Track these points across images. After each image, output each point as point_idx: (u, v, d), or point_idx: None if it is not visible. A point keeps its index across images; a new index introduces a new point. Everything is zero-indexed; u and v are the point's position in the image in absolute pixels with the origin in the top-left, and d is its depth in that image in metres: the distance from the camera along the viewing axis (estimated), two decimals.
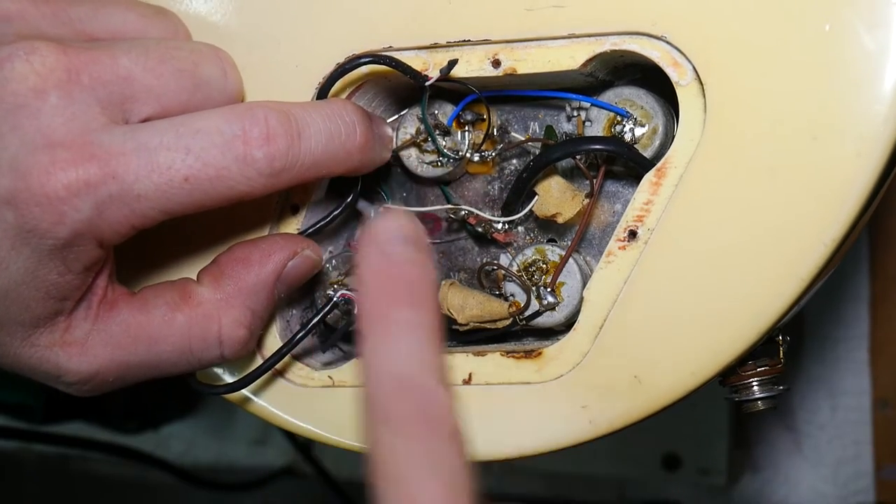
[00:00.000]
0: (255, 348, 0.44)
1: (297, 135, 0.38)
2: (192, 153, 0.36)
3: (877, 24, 0.36)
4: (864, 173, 0.36)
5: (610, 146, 0.40)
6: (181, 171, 0.36)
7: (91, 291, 0.39)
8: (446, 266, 0.45)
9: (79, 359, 0.39)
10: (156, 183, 0.36)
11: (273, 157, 0.37)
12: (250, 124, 0.37)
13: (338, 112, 0.39)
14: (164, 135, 0.37)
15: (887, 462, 0.76)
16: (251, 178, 0.37)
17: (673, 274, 0.39)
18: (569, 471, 0.83)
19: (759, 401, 0.42)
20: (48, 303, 0.38)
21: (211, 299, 0.40)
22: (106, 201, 0.36)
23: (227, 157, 0.37)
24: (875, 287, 0.76)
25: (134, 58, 0.38)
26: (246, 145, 0.37)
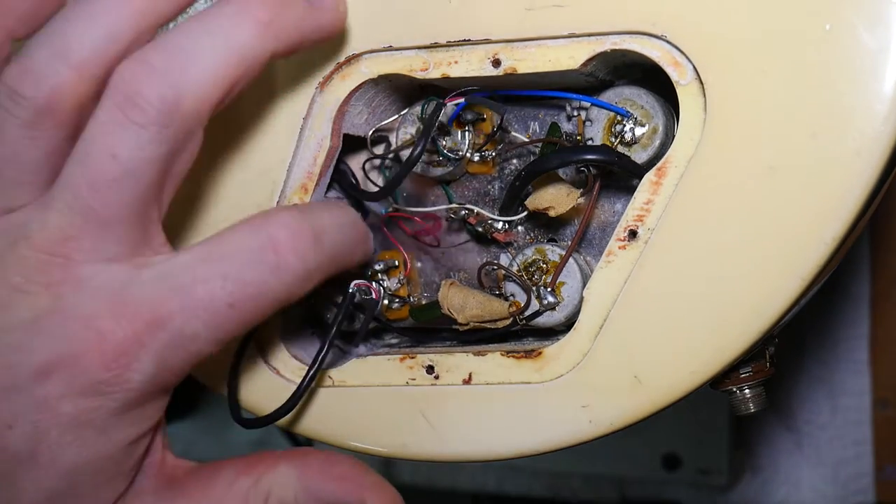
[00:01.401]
0: (265, 363, 0.44)
1: (319, 230, 0.37)
2: (229, 279, 0.35)
3: (877, 23, 0.36)
4: (864, 172, 0.36)
5: (602, 156, 0.39)
6: (224, 300, 0.35)
7: (148, 456, 0.38)
8: (446, 266, 0.45)
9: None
10: (203, 319, 0.35)
11: (306, 257, 0.36)
12: (275, 231, 0.36)
13: (339, 206, 0.40)
14: (196, 268, 0.36)
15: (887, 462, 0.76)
16: (289, 283, 0.36)
17: (673, 273, 0.39)
18: (569, 470, 0.83)
19: (751, 402, 0.42)
20: (113, 483, 0.37)
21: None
22: (163, 353, 0.35)
23: (262, 270, 0.36)
24: (875, 287, 0.76)
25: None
26: (277, 253, 0.36)
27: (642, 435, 0.79)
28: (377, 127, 0.44)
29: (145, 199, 0.35)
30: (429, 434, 0.42)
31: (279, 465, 0.39)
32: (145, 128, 0.34)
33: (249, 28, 0.36)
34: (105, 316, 0.35)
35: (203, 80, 0.35)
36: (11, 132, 0.35)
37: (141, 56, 0.35)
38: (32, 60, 0.35)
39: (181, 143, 0.36)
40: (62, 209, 0.35)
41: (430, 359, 0.43)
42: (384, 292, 0.44)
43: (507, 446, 0.42)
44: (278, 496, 0.39)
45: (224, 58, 0.35)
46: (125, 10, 0.35)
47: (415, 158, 0.39)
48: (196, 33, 0.35)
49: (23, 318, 0.35)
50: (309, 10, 0.38)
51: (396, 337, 0.47)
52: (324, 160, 0.43)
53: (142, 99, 0.34)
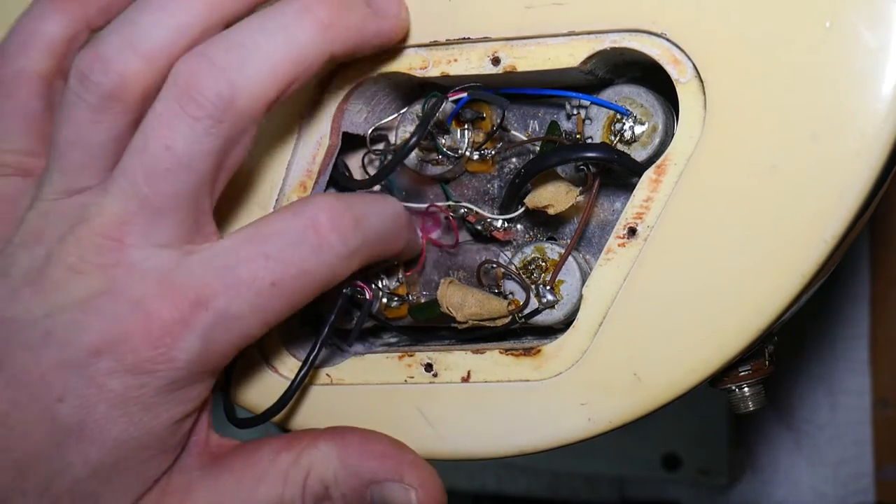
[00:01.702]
0: (264, 361, 0.44)
1: (360, 214, 0.38)
2: (271, 258, 0.37)
3: (878, 22, 0.36)
4: (864, 171, 0.36)
5: (602, 154, 0.39)
6: (267, 279, 0.37)
7: (193, 435, 0.40)
8: (445, 264, 0.45)
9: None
10: (246, 299, 0.36)
11: (346, 238, 0.38)
12: (316, 212, 0.37)
13: (380, 196, 0.41)
14: (239, 249, 0.37)
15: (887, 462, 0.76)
16: (330, 263, 0.38)
17: (673, 271, 0.39)
18: (569, 470, 0.83)
19: (750, 401, 0.42)
20: (159, 459, 0.38)
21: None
22: (208, 332, 0.36)
23: (304, 250, 0.37)
24: (875, 287, 0.76)
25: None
26: (318, 233, 0.37)
27: (642, 435, 0.79)
28: (377, 125, 0.44)
29: (198, 189, 0.37)
30: (427, 432, 0.42)
31: (319, 443, 0.40)
32: (200, 121, 0.35)
33: (310, 29, 0.37)
34: (153, 297, 0.36)
35: (259, 78, 0.36)
36: (79, 115, 0.37)
37: (201, 50, 0.36)
38: (103, 47, 0.36)
39: (235, 138, 0.37)
40: (118, 195, 0.36)
41: (429, 357, 0.43)
42: (382, 291, 0.44)
43: (505, 444, 0.42)
44: (318, 473, 0.40)
45: (282, 57, 0.36)
46: (197, 5, 0.37)
47: (409, 148, 0.39)
48: (256, 31, 0.36)
49: (77, 298, 0.36)
50: (371, 15, 0.39)
51: (395, 335, 0.47)
52: (323, 158, 0.43)
53: (198, 93, 0.35)
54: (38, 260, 0.37)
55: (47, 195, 0.38)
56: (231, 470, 0.40)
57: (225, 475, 0.40)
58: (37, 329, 0.36)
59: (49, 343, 0.36)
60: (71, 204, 0.37)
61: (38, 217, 0.38)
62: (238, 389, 0.45)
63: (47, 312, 0.36)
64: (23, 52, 0.40)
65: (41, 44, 0.40)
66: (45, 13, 0.40)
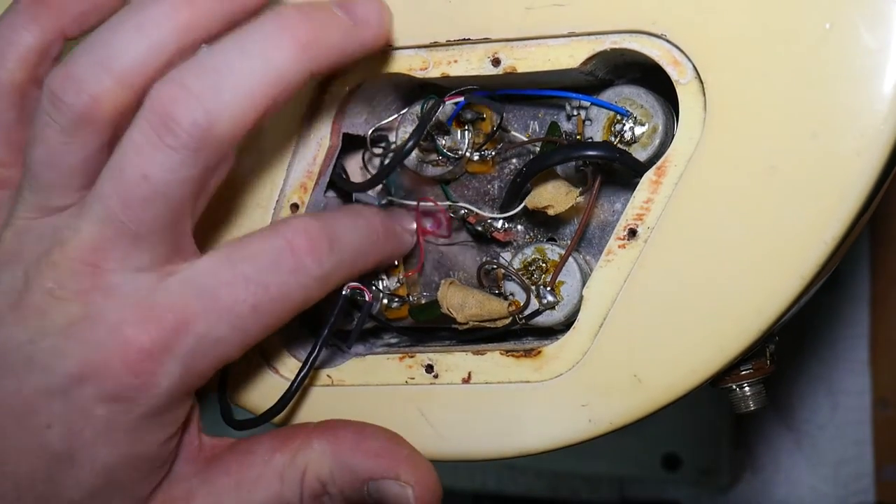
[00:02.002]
0: (265, 363, 0.44)
1: (334, 234, 0.39)
2: (251, 281, 0.37)
3: (878, 23, 0.36)
4: (864, 172, 0.36)
5: (604, 152, 0.39)
6: (247, 302, 0.37)
7: (184, 443, 0.40)
8: (446, 265, 0.45)
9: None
10: (227, 322, 0.36)
11: (321, 260, 0.38)
12: (292, 235, 0.37)
13: (357, 212, 0.41)
14: (219, 272, 0.37)
15: (887, 462, 0.76)
16: (307, 285, 0.38)
17: (673, 272, 0.39)
18: (569, 470, 0.83)
19: (750, 400, 0.42)
20: (151, 477, 0.39)
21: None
22: (188, 357, 0.36)
23: (282, 272, 0.37)
24: (875, 287, 0.76)
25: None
26: (294, 255, 0.37)
27: (642, 435, 0.79)
28: (377, 126, 0.44)
29: (176, 215, 0.36)
30: (428, 433, 0.42)
31: (313, 441, 0.40)
32: (177, 151, 0.35)
33: (288, 49, 0.36)
34: (131, 323, 0.36)
35: (236, 104, 0.35)
36: (51, 136, 0.36)
37: (177, 77, 0.35)
38: (76, 67, 0.36)
39: (214, 164, 0.36)
40: (94, 220, 0.36)
41: (430, 358, 0.43)
42: (382, 292, 0.44)
43: (506, 445, 0.42)
44: (315, 471, 0.40)
45: (259, 81, 0.36)
46: (171, 24, 0.36)
47: (406, 151, 0.39)
48: (233, 54, 0.36)
49: (57, 324, 0.36)
50: (351, 28, 0.38)
51: (395, 336, 0.47)
52: (323, 159, 0.43)
53: (175, 123, 0.35)
54: (17, 282, 0.37)
55: (22, 213, 0.37)
56: (228, 473, 0.40)
57: (222, 479, 0.40)
58: (20, 354, 0.36)
59: (32, 369, 0.36)
60: (46, 224, 0.37)
61: (14, 236, 0.37)
62: (238, 390, 0.45)
63: (30, 338, 0.36)
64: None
65: (15, 54, 0.39)
66: (18, 23, 0.40)
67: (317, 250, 0.38)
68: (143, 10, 0.36)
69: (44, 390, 0.36)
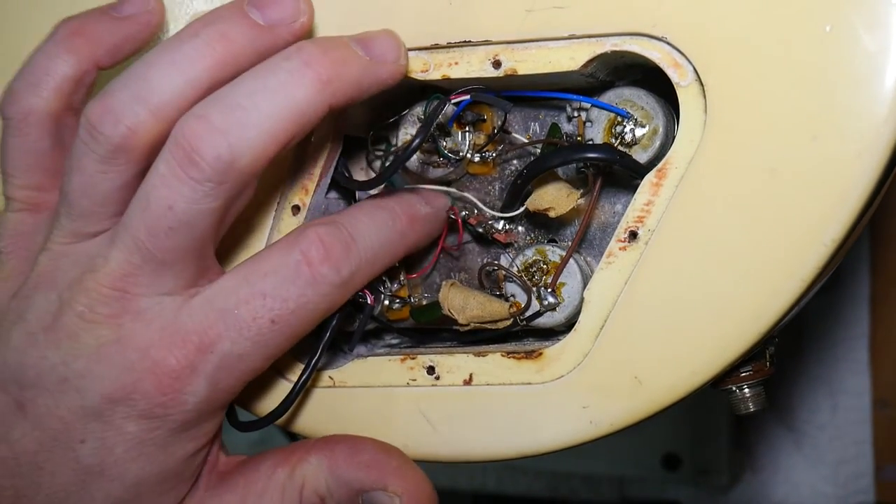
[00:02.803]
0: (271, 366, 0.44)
1: (351, 238, 0.39)
2: (268, 296, 0.38)
3: (877, 25, 0.36)
4: (864, 173, 0.36)
5: (605, 154, 0.40)
6: (266, 317, 0.38)
7: (208, 460, 0.41)
8: (447, 266, 0.45)
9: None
10: (249, 338, 0.38)
11: (339, 267, 0.38)
12: (307, 246, 0.38)
13: (377, 205, 0.41)
14: (238, 290, 0.38)
15: (887, 462, 0.76)
16: (327, 293, 0.38)
17: (674, 274, 0.39)
18: (569, 470, 0.83)
19: (750, 402, 0.42)
20: (177, 490, 0.40)
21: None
22: (214, 374, 0.38)
23: (299, 285, 0.38)
24: (875, 287, 0.76)
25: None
26: (311, 267, 0.38)
27: (642, 435, 0.79)
28: (378, 127, 0.44)
29: (199, 243, 0.38)
30: (429, 435, 0.42)
31: (311, 456, 0.41)
32: (201, 184, 0.36)
33: (310, 86, 0.37)
34: (159, 345, 0.37)
35: (259, 139, 0.36)
36: (88, 165, 0.38)
37: (202, 112, 0.36)
38: (114, 100, 0.37)
39: (236, 195, 0.38)
40: (123, 249, 0.37)
41: (431, 359, 0.43)
42: (384, 294, 0.44)
43: (507, 447, 0.42)
44: (312, 486, 0.41)
45: (281, 117, 0.37)
46: (207, 62, 0.37)
47: (412, 150, 0.40)
48: (256, 90, 0.37)
49: (89, 346, 0.38)
50: (370, 64, 0.39)
51: (397, 337, 0.47)
52: (324, 161, 0.43)
53: (199, 157, 0.36)
54: (52, 305, 0.38)
55: (58, 239, 0.39)
56: (234, 489, 0.41)
57: (229, 495, 0.41)
58: (54, 375, 0.38)
59: (66, 389, 0.38)
60: (80, 250, 0.39)
61: (49, 260, 0.39)
62: (242, 393, 0.45)
63: (62, 360, 0.38)
64: (33, 92, 0.41)
65: (51, 83, 0.41)
66: (55, 53, 0.41)
67: (333, 258, 0.38)
68: (179, 46, 0.37)
69: (78, 410, 0.38)
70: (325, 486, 0.41)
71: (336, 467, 0.41)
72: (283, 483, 0.41)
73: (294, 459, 0.41)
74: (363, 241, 0.39)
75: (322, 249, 0.38)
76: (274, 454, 0.42)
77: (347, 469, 0.41)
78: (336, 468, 0.41)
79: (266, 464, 0.41)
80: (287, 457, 0.41)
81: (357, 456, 0.41)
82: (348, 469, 0.41)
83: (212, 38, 0.37)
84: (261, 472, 0.41)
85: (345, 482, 0.41)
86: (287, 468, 0.41)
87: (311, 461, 0.41)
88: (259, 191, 0.43)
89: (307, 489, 0.41)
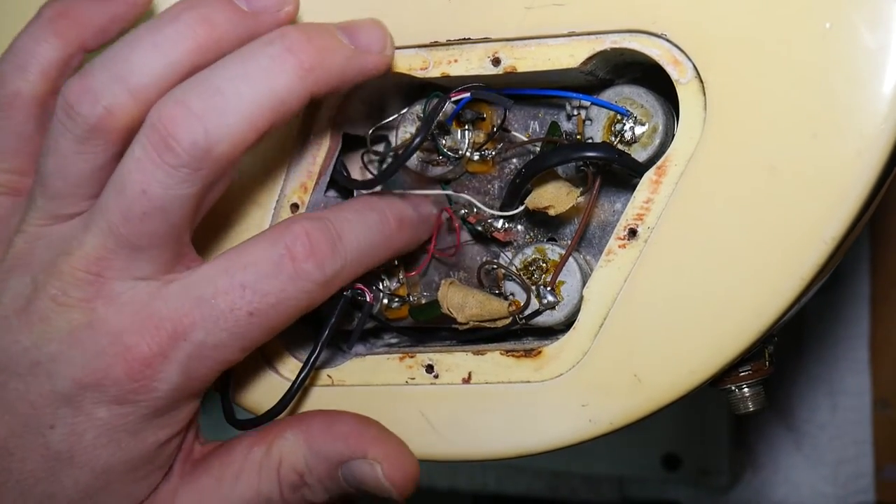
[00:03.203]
0: (266, 363, 0.44)
1: (338, 237, 0.38)
2: (248, 288, 0.37)
3: (878, 23, 0.36)
4: (864, 171, 0.36)
5: (603, 153, 0.40)
6: (244, 309, 0.37)
7: (182, 447, 0.40)
8: (446, 265, 0.45)
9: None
10: (225, 329, 0.37)
11: (323, 264, 0.38)
12: (292, 241, 0.38)
13: (368, 205, 0.41)
14: (216, 280, 0.37)
15: (887, 462, 0.76)
16: (308, 290, 0.38)
17: (673, 272, 0.39)
18: (569, 470, 0.83)
19: (749, 401, 0.42)
20: (149, 479, 0.39)
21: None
22: (187, 363, 0.37)
23: (281, 279, 0.37)
24: (875, 286, 0.76)
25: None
26: (294, 262, 0.37)
27: (642, 435, 0.79)
28: (377, 126, 0.44)
29: (176, 229, 0.37)
30: (428, 433, 0.42)
31: (286, 432, 0.41)
32: (176, 169, 0.36)
33: (291, 73, 0.36)
34: (131, 330, 0.37)
35: (237, 125, 0.36)
36: (64, 145, 0.37)
37: (180, 96, 0.36)
38: (93, 80, 0.36)
39: (213, 182, 0.37)
40: (97, 233, 0.37)
41: (430, 358, 0.43)
42: (383, 293, 0.44)
43: (506, 446, 0.42)
44: (289, 462, 0.40)
45: (261, 103, 0.36)
46: (188, 44, 0.37)
47: (412, 148, 0.39)
48: (236, 75, 0.36)
49: (61, 329, 0.37)
50: (355, 53, 0.38)
51: (396, 336, 0.47)
52: (323, 159, 0.43)
53: (175, 142, 0.35)
54: (26, 288, 0.38)
55: (33, 221, 0.38)
56: (210, 471, 0.41)
57: (204, 478, 0.40)
58: (25, 358, 0.37)
59: (37, 373, 0.37)
60: (55, 232, 0.38)
61: (24, 242, 0.38)
62: (239, 390, 0.45)
63: (34, 343, 0.37)
64: (19, 75, 0.40)
65: (37, 66, 0.40)
66: (41, 35, 0.40)
67: (318, 255, 0.38)
68: (162, 28, 0.37)
69: (48, 395, 0.37)
70: (302, 461, 0.40)
71: (313, 441, 0.40)
72: (260, 462, 0.40)
73: (270, 437, 0.40)
74: (350, 241, 0.39)
75: (308, 245, 0.38)
76: (249, 435, 0.41)
77: (325, 442, 0.40)
78: (313, 442, 0.40)
79: (241, 445, 0.41)
80: (263, 436, 0.41)
81: (333, 428, 0.40)
82: (325, 442, 0.40)
83: (194, 22, 0.37)
84: (236, 453, 0.41)
85: (323, 455, 0.40)
86: (263, 447, 0.40)
87: (287, 437, 0.40)
88: (258, 188, 0.43)
89: (284, 466, 0.40)
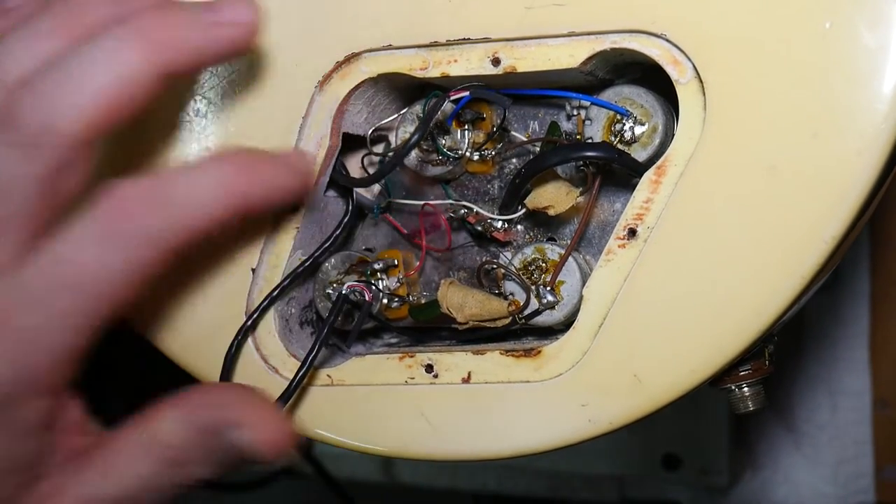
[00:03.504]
0: (264, 362, 0.44)
1: (152, 205, 0.36)
2: (60, 262, 0.36)
3: (878, 22, 0.36)
4: (864, 171, 0.36)
5: (603, 153, 0.40)
6: (56, 284, 0.36)
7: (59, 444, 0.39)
8: (446, 265, 0.45)
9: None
10: (41, 312, 0.36)
11: (147, 225, 0.36)
12: (100, 211, 0.36)
13: (210, 163, 0.38)
14: (39, 259, 0.36)
15: (887, 462, 0.76)
16: (117, 268, 0.36)
17: (673, 272, 0.39)
18: (569, 470, 0.83)
19: (749, 401, 0.42)
20: (8, 478, 0.37)
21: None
22: (11, 351, 0.36)
23: (93, 251, 0.36)
24: (875, 286, 0.76)
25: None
26: (108, 224, 0.36)
27: (642, 435, 0.79)
28: (377, 126, 0.44)
29: (21, 214, 0.36)
30: (428, 433, 0.42)
31: (165, 410, 0.39)
32: (17, 148, 0.35)
33: (140, 50, 0.36)
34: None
35: (80, 103, 0.35)
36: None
37: (30, 80, 0.36)
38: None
39: (63, 163, 0.36)
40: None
41: (430, 358, 0.43)
42: (382, 292, 0.44)
43: (506, 445, 0.42)
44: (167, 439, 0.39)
45: (106, 82, 0.35)
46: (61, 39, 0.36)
47: (409, 147, 0.39)
48: (84, 55, 0.36)
49: None
50: (211, 26, 0.37)
51: (395, 336, 0.47)
52: (323, 159, 0.43)
53: (14, 121, 0.35)
54: None
55: None
56: (93, 462, 0.39)
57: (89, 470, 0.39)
58: None
59: None
60: None
61: None
62: None
63: None
64: None
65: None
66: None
67: (138, 217, 0.36)
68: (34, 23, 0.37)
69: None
70: (180, 436, 0.39)
71: (188, 414, 0.39)
72: (139, 443, 0.39)
73: (151, 417, 0.39)
74: (168, 208, 0.37)
75: (123, 208, 0.36)
76: (132, 419, 0.40)
77: (199, 414, 0.39)
78: (188, 415, 0.39)
79: (124, 430, 0.39)
80: (145, 417, 0.39)
81: (207, 398, 0.39)
82: (200, 413, 0.39)
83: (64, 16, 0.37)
84: (119, 438, 0.39)
85: (198, 428, 0.39)
86: (140, 427, 0.39)
87: (166, 415, 0.39)
88: None
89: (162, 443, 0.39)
